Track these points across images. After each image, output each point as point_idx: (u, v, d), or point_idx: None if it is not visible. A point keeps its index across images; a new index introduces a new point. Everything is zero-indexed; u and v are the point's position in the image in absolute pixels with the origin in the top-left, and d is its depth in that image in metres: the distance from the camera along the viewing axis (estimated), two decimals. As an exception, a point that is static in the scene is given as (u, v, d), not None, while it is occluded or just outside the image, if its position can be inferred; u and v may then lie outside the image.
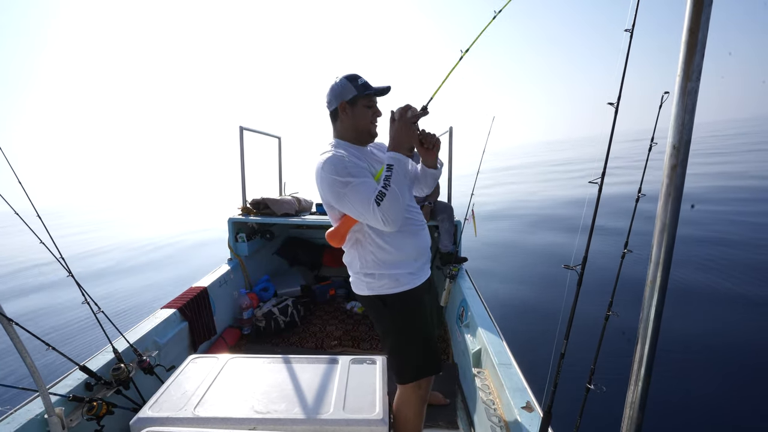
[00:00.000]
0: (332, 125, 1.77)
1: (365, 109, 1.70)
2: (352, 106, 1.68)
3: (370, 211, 1.49)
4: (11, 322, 1.52)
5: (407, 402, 1.81)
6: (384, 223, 1.50)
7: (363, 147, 1.77)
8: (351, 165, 1.57)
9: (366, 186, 1.53)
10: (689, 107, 0.73)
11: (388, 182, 1.51)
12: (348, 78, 1.68)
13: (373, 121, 1.74)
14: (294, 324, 3.68)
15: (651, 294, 0.82)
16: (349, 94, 1.67)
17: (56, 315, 6.61)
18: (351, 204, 1.55)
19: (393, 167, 1.53)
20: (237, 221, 3.93)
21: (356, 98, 1.68)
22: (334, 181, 1.55)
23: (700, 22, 0.70)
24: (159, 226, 16.60)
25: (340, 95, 1.68)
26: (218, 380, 1.88)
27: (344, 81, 1.68)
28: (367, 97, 1.69)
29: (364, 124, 1.71)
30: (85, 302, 2.14)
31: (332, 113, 1.74)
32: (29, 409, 1.74)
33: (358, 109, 1.69)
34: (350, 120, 1.70)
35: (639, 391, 0.85)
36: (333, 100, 1.70)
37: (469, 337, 2.60)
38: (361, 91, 1.67)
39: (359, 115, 1.70)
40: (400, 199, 1.51)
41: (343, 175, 1.54)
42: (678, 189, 0.76)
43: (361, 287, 1.78)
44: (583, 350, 1.90)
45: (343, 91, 1.67)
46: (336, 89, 1.68)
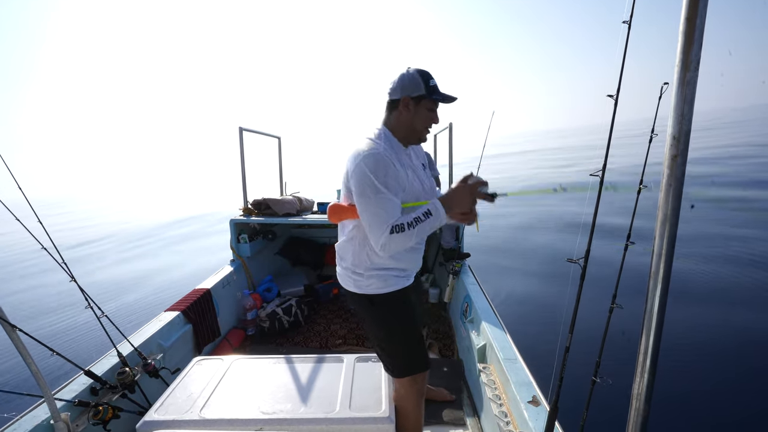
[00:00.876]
0: (386, 112, 1.68)
1: (427, 112, 1.63)
2: (416, 104, 1.61)
3: (379, 230, 1.48)
4: (15, 328, 1.52)
5: (405, 396, 1.81)
6: (382, 249, 1.50)
7: (404, 147, 1.70)
8: (392, 176, 1.52)
9: (392, 206, 1.50)
10: (688, 97, 0.73)
11: (415, 225, 1.47)
12: (420, 73, 1.60)
13: (429, 127, 1.68)
14: (298, 324, 3.68)
15: (654, 285, 0.81)
16: (417, 91, 1.59)
17: (60, 320, 6.63)
18: (368, 211, 1.51)
19: (430, 217, 1.48)
20: (239, 222, 3.93)
21: (422, 98, 1.60)
22: (368, 180, 1.49)
23: (698, 11, 0.70)
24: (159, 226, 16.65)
25: (407, 88, 1.60)
26: (224, 382, 1.88)
27: (416, 75, 1.60)
28: (433, 101, 1.63)
29: (420, 127, 1.66)
30: (88, 306, 2.15)
31: (392, 102, 1.64)
32: (35, 415, 1.74)
33: (420, 109, 1.62)
34: (408, 117, 1.63)
35: (645, 383, 0.85)
36: (398, 90, 1.61)
37: (473, 333, 2.60)
38: (430, 93, 1.60)
39: (419, 115, 1.63)
40: (410, 242, 1.49)
41: (380, 180, 1.49)
42: (679, 180, 0.76)
43: (348, 283, 1.77)
44: (588, 343, 1.90)
45: (412, 86, 1.59)
46: (405, 81, 1.60)
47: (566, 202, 11.89)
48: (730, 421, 2.90)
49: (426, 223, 1.47)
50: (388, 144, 1.61)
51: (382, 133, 1.65)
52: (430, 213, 1.47)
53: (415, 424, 1.83)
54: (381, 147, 1.56)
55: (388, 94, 1.65)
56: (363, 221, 1.55)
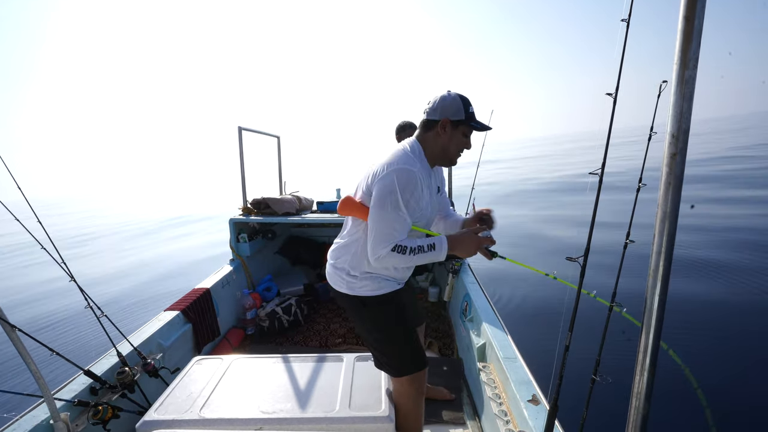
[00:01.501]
0: (420, 130, 1.72)
1: (462, 137, 1.68)
2: (453, 128, 1.65)
3: (383, 243, 1.54)
4: (14, 328, 1.52)
5: (404, 395, 1.82)
6: (377, 259, 1.56)
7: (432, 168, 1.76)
8: (416, 198, 1.57)
9: (404, 226, 1.56)
10: (687, 95, 0.73)
11: (416, 252, 1.55)
12: (462, 99, 1.64)
13: (461, 151, 1.73)
14: (298, 323, 3.68)
15: (654, 283, 0.81)
16: (458, 116, 1.63)
17: (59, 320, 6.63)
18: (381, 222, 1.55)
19: (432, 251, 1.56)
20: (238, 221, 3.93)
21: (460, 123, 1.64)
22: (393, 193, 1.53)
23: (696, 10, 0.70)
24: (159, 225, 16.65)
25: (447, 111, 1.63)
26: (223, 381, 1.88)
27: (458, 100, 1.64)
28: (470, 127, 1.67)
29: (454, 151, 1.70)
30: (88, 306, 2.15)
31: (429, 122, 1.68)
32: (35, 415, 1.74)
33: (457, 133, 1.66)
34: (445, 139, 1.67)
35: (645, 381, 0.85)
36: (438, 111, 1.64)
37: (473, 332, 2.60)
38: (469, 119, 1.64)
39: (455, 139, 1.67)
40: (407, 265, 1.60)
41: (404, 198, 1.54)
42: (678, 178, 0.76)
43: (340, 284, 1.78)
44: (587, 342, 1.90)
45: (453, 110, 1.63)
46: (447, 103, 1.63)
47: (566, 203, 11.90)
48: (730, 419, 2.90)
49: (426, 255, 1.56)
50: (420, 162, 1.66)
51: (417, 149, 1.69)
52: (434, 248, 1.56)
53: (414, 423, 1.83)
54: (417, 165, 1.59)
55: (426, 113, 1.68)
56: (370, 228, 1.58)
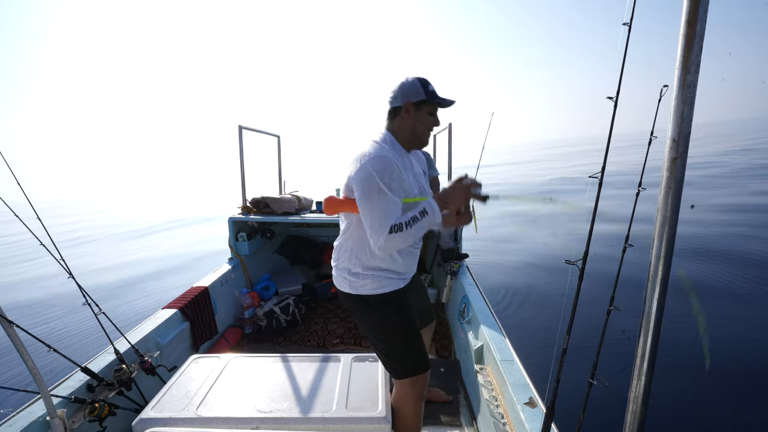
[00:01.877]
0: (388, 120, 1.74)
1: (427, 116, 1.69)
2: (417, 109, 1.67)
3: (380, 230, 1.52)
4: (12, 324, 1.52)
5: (404, 398, 1.81)
6: (379, 248, 1.54)
7: (406, 152, 1.76)
8: (396, 180, 1.57)
9: (394, 207, 1.54)
10: (688, 100, 0.73)
11: (412, 224, 1.51)
12: (420, 81, 1.66)
13: (430, 130, 1.74)
14: (295, 323, 3.68)
15: (652, 288, 0.81)
16: (418, 97, 1.65)
17: (57, 316, 6.62)
18: (371, 212, 1.55)
19: (426, 215, 1.52)
20: (237, 220, 3.93)
21: (423, 103, 1.66)
22: (373, 181, 1.53)
23: (698, 14, 0.70)
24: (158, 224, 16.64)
25: (408, 95, 1.66)
26: (220, 380, 1.88)
27: (416, 82, 1.66)
28: (433, 104, 1.69)
29: (422, 131, 1.71)
30: (86, 303, 2.14)
31: (394, 109, 1.70)
32: (31, 411, 1.74)
33: (421, 113, 1.68)
34: (411, 122, 1.69)
35: (642, 386, 0.85)
36: (400, 97, 1.67)
37: (471, 334, 2.60)
38: (430, 98, 1.66)
39: (421, 120, 1.69)
40: (409, 241, 1.54)
41: (385, 182, 1.53)
42: (678, 182, 0.76)
43: (343, 284, 1.79)
44: (585, 345, 1.90)
45: (413, 92, 1.65)
46: (406, 88, 1.66)
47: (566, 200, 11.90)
48: (728, 425, 2.90)
49: (422, 222, 1.51)
50: (393, 148, 1.67)
51: (387, 138, 1.71)
52: (426, 212, 1.51)
53: (413, 426, 1.82)
54: (388, 151, 1.61)
55: (389, 102, 1.70)
56: (364, 221, 1.58)
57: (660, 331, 0.83)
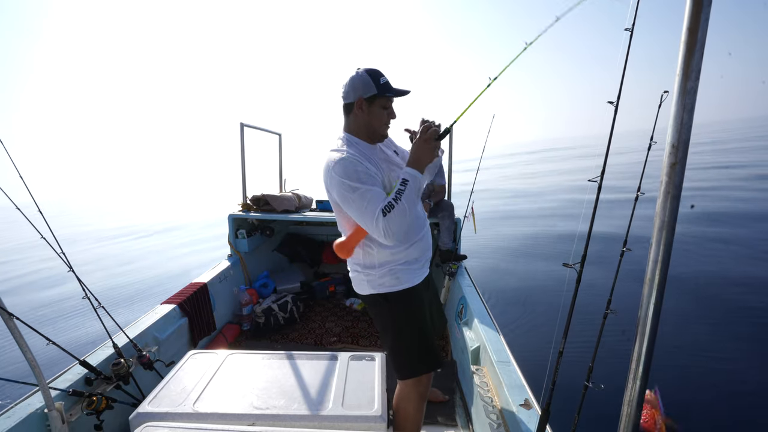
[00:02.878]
0: (344, 117, 1.70)
1: (381, 110, 1.65)
2: (369, 104, 1.62)
3: (373, 220, 1.48)
4: (12, 316, 1.52)
5: (407, 398, 1.81)
6: (385, 235, 1.48)
7: (373, 145, 1.72)
8: (362, 171, 1.54)
9: (374, 194, 1.51)
10: (688, 106, 0.74)
11: (400, 196, 1.48)
12: (370, 73, 1.60)
13: (387, 123, 1.70)
14: (293, 320, 3.68)
15: (649, 292, 0.82)
16: (369, 91, 1.60)
17: (57, 309, 6.62)
18: (356, 209, 1.53)
19: (408, 183, 1.51)
20: (237, 217, 3.94)
21: (375, 97, 1.61)
22: (343, 184, 1.53)
23: (700, 22, 0.71)
24: (159, 222, 16.64)
25: (359, 90, 1.60)
26: (217, 376, 1.88)
27: (366, 76, 1.60)
28: (387, 98, 1.64)
29: (378, 125, 1.67)
30: (85, 297, 2.15)
31: (346, 106, 1.66)
32: (29, 404, 1.74)
33: (374, 108, 1.63)
34: (365, 118, 1.64)
35: (637, 389, 0.86)
36: (351, 93, 1.62)
37: (468, 335, 2.61)
38: (382, 91, 1.61)
39: (375, 114, 1.64)
40: (407, 215, 1.49)
41: (353, 180, 1.52)
42: (677, 187, 0.77)
43: (362, 286, 1.77)
44: (581, 348, 1.91)
45: (363, 87, 1.60)
46: (356, 83, 1.60)
47: (564, 207, 11.91)
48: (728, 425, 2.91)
49: (409, 190, 1.50)
50: (354, 148, 1.63)
51: (345, 140, 1.67)
52: (407, 180, 1.52)
53: (413, 426, 1.82)
54: (346, 152, 1.58)
55: (342, 98, 1.66)
56: (358, 221, 1.57)
57: (656, 335, 0.84)
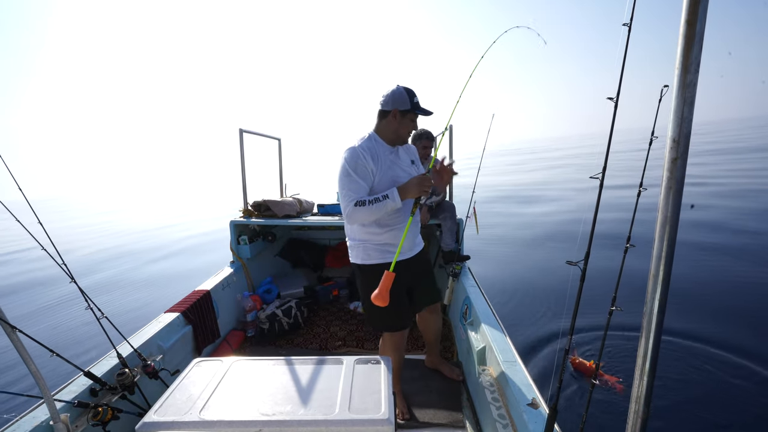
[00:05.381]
0: (377, 120, 2.11)
1: (410, 123, 2.07)
2: (402, 116, 2.04)
3: (346, 202, 1.96)
4: (15, 329, 1.52)
5: (382, 346, 2.36)
6: (348, 218, 1.99)
7: (392, 147, 2.12)
8: (361, 165, 1.97)
9: (358, 186, 1.97)
10: (689, 100, 0.73)
11: (373, 204, 1.92)
12: (408, 92, 2.03)
13: (410, 132, 2.12)
14: (298, 325, 3.68)
15: (654, 288, 0.81)
16: (405, 106, 2.02)
17: (60, 321, 6.62)
18: (341, 189, 2.00)
19: (387, 199, 1.92)
20: (239, 224, 3.93)
21: (407, 111, 2.03)
22: (343, 165, 2.00)
23: (698, 14, 0.70)
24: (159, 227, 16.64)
25: (397, 103, 2.02)
26: (223, 383, 1.88)
27: (404, 93, 2.01)
28: (415, 114, 2.05)
29: (404, 134, 2.10)
30: (88, 308, 2.14)
31: (383, 112, 2.07)
32: (35, 416, 1.74)
33: (405, 120, 2.05)
34: (395, 126, 2.06)
35: (644, 386, 0.85)
36: (390, 102, 2.03)
37: (473, 335, 2.60)
38: (413, 108, 2.03)
39: (404, 125, 2.06)
40: (367, 218, 1.98)
41: (351, 166, 1.97)
42: (679, 182, 0.76)
43: (351, 256, 2.25)
44: (587, 346, 1.90)
45: (401, 101, 2.01)
46: (396, 96, 2.02)
47: (567, 205, 11.90)
48: (732, 424, 2.89)
49: (383, 203, 1.92)
50: (371, 143, 2.07)
51: (368, 136, 2.11)
52: (387, 197, 1.92)
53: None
54: (359, 144, 2.04)
55: (381, 104, 2.07)
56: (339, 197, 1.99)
57: (662, 331, 0.83)
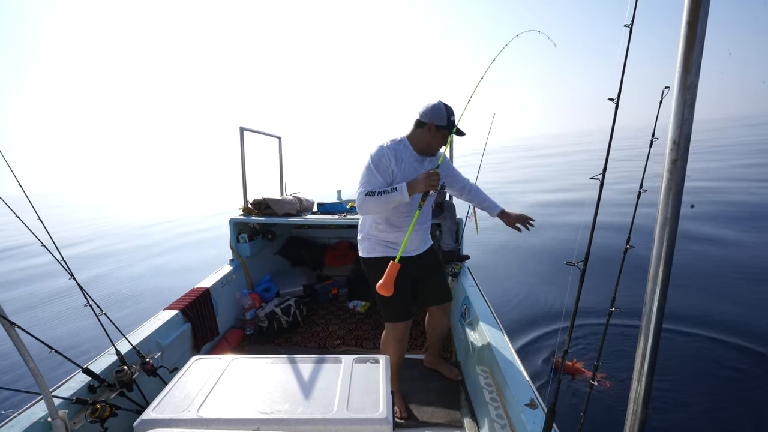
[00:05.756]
0: (413, 127, 2.20)
1: (441, 138, 2.17)
2: (437, 130, 2.13)
3: (359, 194, 2.09)
4: (13, 325, 1.52)
5: (385, 338, 2.42)
6: (358, 207, 2.10)
7: (420, 156, 2.23)
8: (384, 163, 2.11)
9: (374, 179, 2.09)
10: (689, 101, 0.73)
11: (381, 195, 2.01)
12: (447, 109, 2.13)
13: (440, 146, 2.24)
14: (297, 324, 3.68)
15: (653, 289, 0.82)
16: (441, 121, 2.11)
17: (58, 317, 6.63)
18: (361, 178, 2.14)
19: (395, 192, 2.00)
20: (238, 222, 3.93)
21: (442, 127, 2.13)
22: (368, 160, 2.14)
23: (699, 16, 0.70)
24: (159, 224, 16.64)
25: (434, 117, 2.11)
26: (221, 381, 1.88)
27: (443, 110, 2.11)
28: (449, 131, 2.15)
29: (435, 146, 2.21)
30: (87, 305, 2.14)
31: (420, 122, 2.16)
32: (33, 413, 1.74)
33: (438, 135, 2.15)
34: (428, 138, 2.16)
35: (643, 387, 0.85)
36: (428, 115, 2.12)
37: (472, 335, 2.60)
38: (448, 126, 2.13)
39: (436, 139, 2.16)
40: (375, 208, 2.08)
41: (374, 162, 2.11)
42: (679, 183, 0.76)
43: (359, 249, 2.40)
44: (586, 347, 1.90)
45: (439, 116, 2.11)
46: (435, 111, 2.11)
47: (566, 205, 11.89)
48: (730, 426, 2.90)
49: (390, 195, 2.00)
50: (399, 146, 2.18)
51: (399, 140, 2.21)
52: (396, 189, 2.00)
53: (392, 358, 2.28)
54: (387, 144, 2.16)
55: (419, 114, 2.16)
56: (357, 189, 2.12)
57: (661, 332, 0.83)
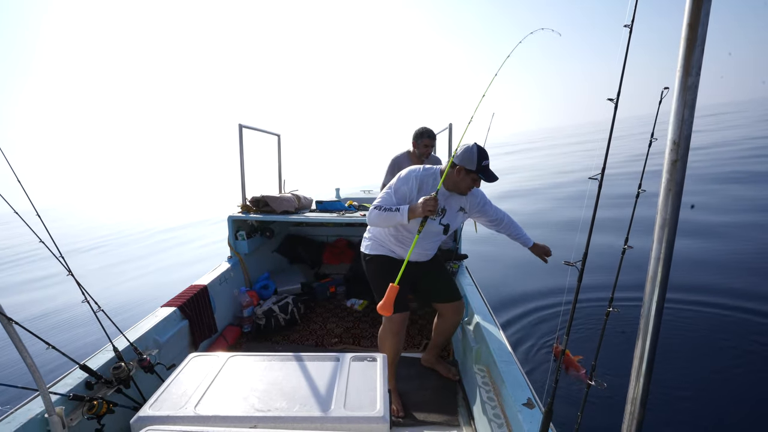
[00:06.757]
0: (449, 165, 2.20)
1: (470, 180, 2.19)
2: (466, 173, 2.16)
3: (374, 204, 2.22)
4: (11, 321, 1.51)
5: (382, 330, 2.45)
6: (367, 216, 2.24)
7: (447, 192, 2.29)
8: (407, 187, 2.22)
9: (389, 199, 2.21)
10: (689, 102, 0.73)
11: (386, 211, 2.14)
12: (479, 153, 2.13)
13: (470, 189, 2.26)
14: (294, 322, 3.68)
15: (652, 289, 0.82)
16: (470, 166, 2.13)
17: (56, 313, 6.62)
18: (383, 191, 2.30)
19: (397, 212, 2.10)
20: (237, 219, 3.93)
21: (471, 171, 2.14)
22: (398, 176, 2.28)
23: (700, 18, 0.70)
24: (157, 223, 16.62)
25: (464, 160, 2.14)
26: (219, 378, 1.88)
27: (475, 154, 2.12)
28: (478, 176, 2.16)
29: (463, 188, 2.24)
30: (84, 301, 2.14)
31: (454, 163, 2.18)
32: (30, 409, 1.74)
33: (467, 178, 2.18)
34: (457, 179, 2.20)
35: (640, 387, 0.85)
36: (459, 158, 2.16)
37: (469, 334, 2.60)
38: (478, 170, 2.13)
39: (464, 181, 2.19)
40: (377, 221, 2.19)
41: (400, 181, 2.25)
42: (678, 184, 0.76)
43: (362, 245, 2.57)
44: (584, 346, 1.90)
45: (469, 161, 2.13)
46: (466, 154, 2.14)
47: (565, 204, 11.90)
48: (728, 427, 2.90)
49: (392, 214, 2.12)
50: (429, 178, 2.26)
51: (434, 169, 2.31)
52: (399, 209, 2.11)
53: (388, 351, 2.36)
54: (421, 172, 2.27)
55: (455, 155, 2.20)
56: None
57: (659, 332, 0.83)
